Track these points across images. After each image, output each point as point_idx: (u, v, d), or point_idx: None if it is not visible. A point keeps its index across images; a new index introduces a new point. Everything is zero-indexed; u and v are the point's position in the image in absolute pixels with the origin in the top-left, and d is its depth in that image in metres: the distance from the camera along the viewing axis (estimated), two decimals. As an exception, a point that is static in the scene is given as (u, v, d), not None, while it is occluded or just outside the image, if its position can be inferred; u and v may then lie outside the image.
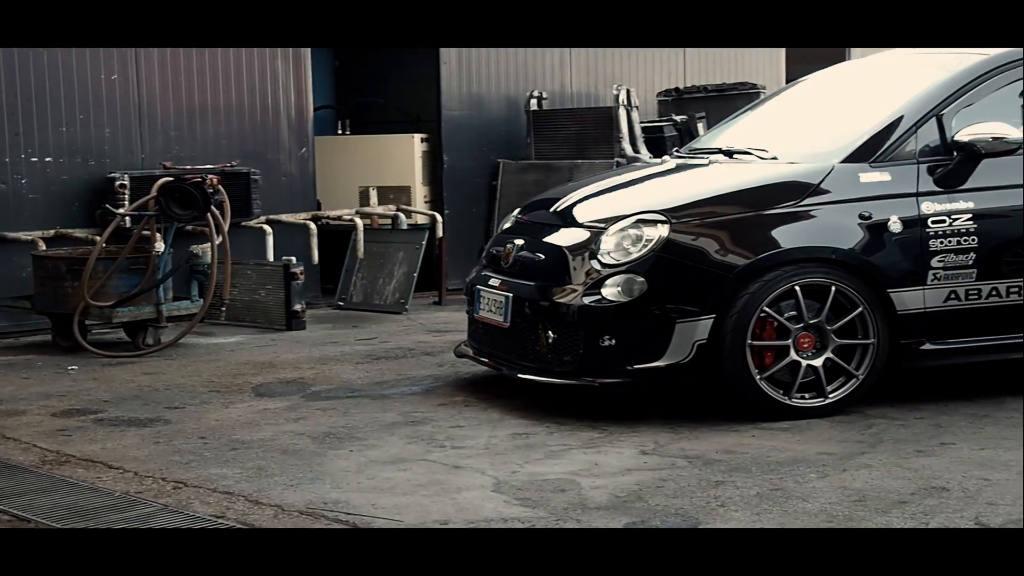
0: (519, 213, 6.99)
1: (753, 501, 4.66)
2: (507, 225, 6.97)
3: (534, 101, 11.13)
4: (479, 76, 11.11)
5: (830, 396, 5.95)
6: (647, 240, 5.94)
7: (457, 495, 4.82)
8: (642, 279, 5.88)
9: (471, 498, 4.78)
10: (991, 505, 4.54)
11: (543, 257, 6.33)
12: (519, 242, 6.53)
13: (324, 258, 9.83)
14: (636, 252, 5.94)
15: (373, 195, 10.40)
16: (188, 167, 9.04)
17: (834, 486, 4.83)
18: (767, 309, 5.85)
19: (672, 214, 6.00)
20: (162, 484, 5.00)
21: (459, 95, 10.99)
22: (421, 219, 10.40)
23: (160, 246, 8.07)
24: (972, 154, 6.10)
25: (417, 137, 10.87)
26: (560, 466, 5.19)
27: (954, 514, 4.45)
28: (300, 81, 10.04)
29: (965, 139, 6.08)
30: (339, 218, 10.16)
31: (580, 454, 5.37)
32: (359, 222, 9.92)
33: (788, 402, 5.90)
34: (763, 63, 13.06)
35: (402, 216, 10.20)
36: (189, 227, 8.64)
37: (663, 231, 5.93)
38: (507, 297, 6.34)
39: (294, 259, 9.03)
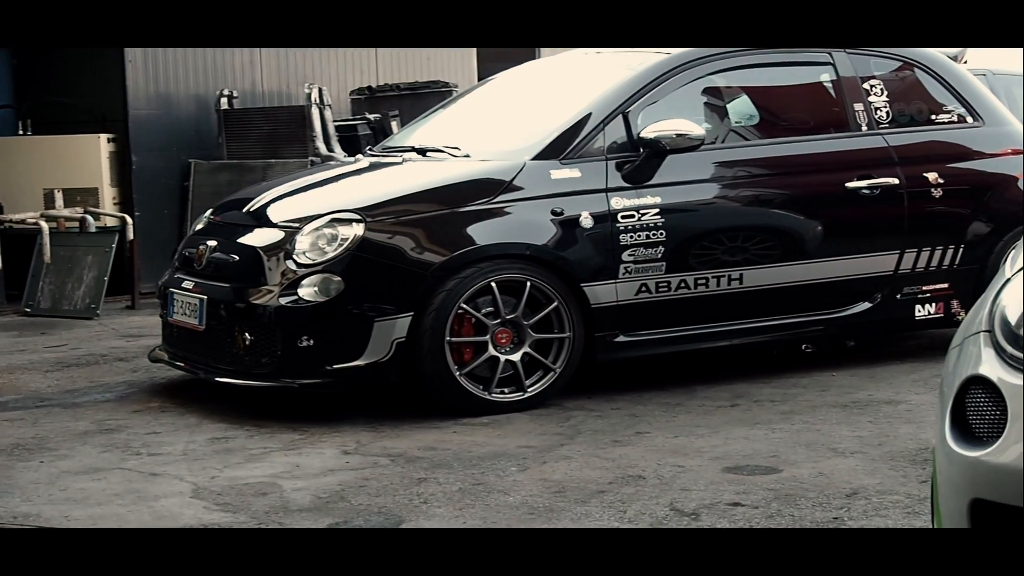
0: (211, 214, 6.85)
1: (455, 497, 4.68)
2: (200, 226, 6.81)
3: (224, 100, 10.93)
4: (167, 74, 10.84)
5: (529, 390, 6.03)
6: (343, 239, 5.90)
7: (155, 503, 4.68)
8: (339, 278, 5.83)
9: (169, 505, 4.65)
10: (685, 491, 4.68)
11: (237, 258, 6.21)
12: (212, 243, 6.39)
13: (9, 263, 9.42)
14: (332, 251, 5.89)
15: (59, 197, 10.01)
16: None
17: (535, 478, 4.89)
18: (464, 306, 5.89)
19: (367, 213, 5.98)
20: None
21: (146, 94, 10.70)
22: (110, 221, 10.08)
23: None
24: (657, 150, 6.27)
25: (103, 137, 10.53)
26: (261, 469, 5.11)
27: (650, 501, 4.57)
28: (-27, 80, 9.60)
29: (650, 136, 6.24)
30: (23, 221, 9.75)
31: (281, 456, 5.30)
32: (44, 225, 9.54)
33: (488, 397, 5.96)
34: (455, 61, 13.16)
35: (90, 219, 9.85)
36: None
37: (358, 230, 5.90)
38: (202, 299, 6.20)
39: (-27, 266, 8.63)
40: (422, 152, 6.72)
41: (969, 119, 7.04)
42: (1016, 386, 2.83)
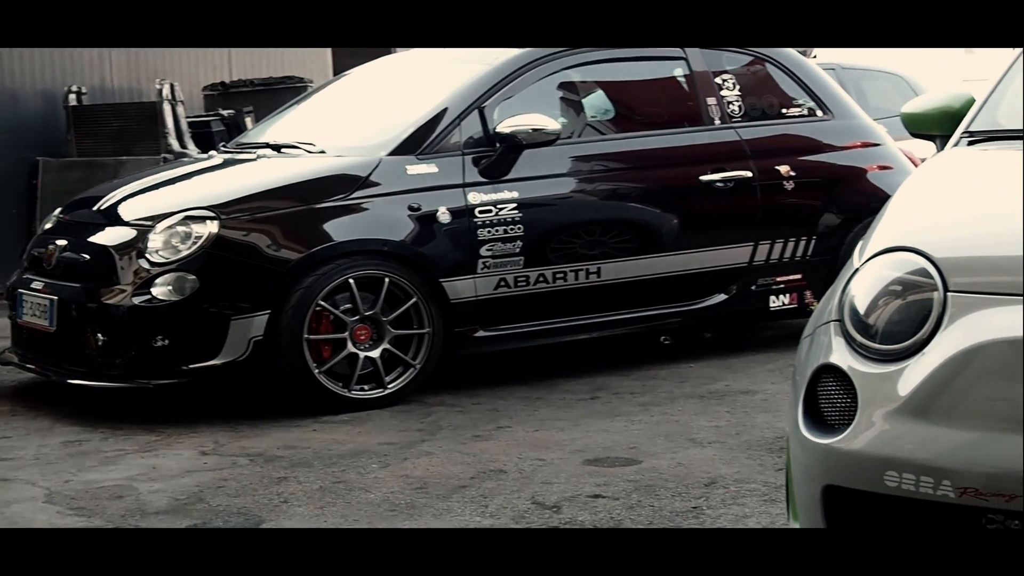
0: (61, 212, 6.70)
1: (316, 495, 4.64)
2: (49, 225, 6.66)
3: (72, 96, 10.70)
4: (11, 70, 10.58)
5: (389, 386, 6.00)
6: (197, 237, 5.82)
7: (6, 509, 4.57)
8: (193, 277, 5.75)
9: (22, 511, 4.54)
10: (546, 484, 4.70)
11: (88, 257, 6.09)
12: (62, 243, 6.26)
13: None
14: (186, 250, 5.81)
15: (-98, 199, 9.73)
16: None
17: (396, 475, 4.87)
18: (322, 303, 5.84)
19: (222, 210, 5.90)
20: None
21: (-10, 90, 10.45)
22: (-45, 222, 9.83)
23: None
24: (514, 145, 6.28)
25: (-55, 135, 10.26)
26: (116, 472, 5.02)
27: (512, 495, 4.58)
28: None
29: (507, 131, 6.25)
30: None
31: (137, 458, 5.21)
32: None
33: (348, 394, 5.92)
34: (310, 56, 13.04)
35: (-67, 220, 9.60)
36: None
37: (213, 227, 5.82)
38: (52, 300, 6.07)
39: None
40: (277, 148, 6.65)
41: (819, 113, 7.17)
42: (866, 374, 2.89)
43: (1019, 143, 3.57)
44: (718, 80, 6.93)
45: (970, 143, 3.65)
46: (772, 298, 6.91)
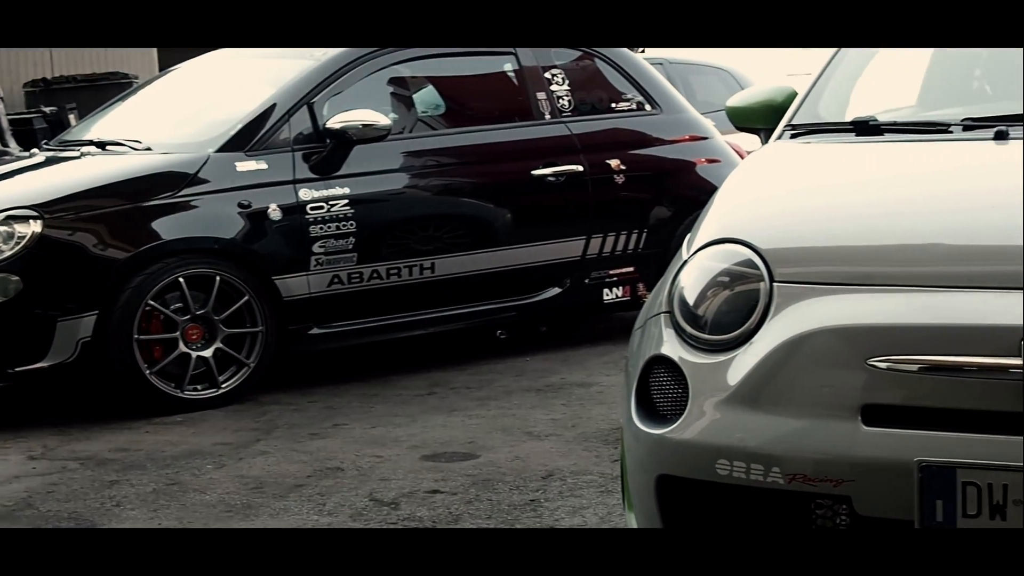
0: None
1: (149, 498, 4.57)
2: None
3: None
4: None
5: (223, 386, 5.93)
6: (20, 237, 5.68)
7: None
8: (17, 278, 5.61)
9: None
10: (384, 481, 4.69)
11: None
12: None
13: None
14: (9, 250, 5.66)
15: None
16: None
17: (231, 475, 4.82)
18: (152, 302, 5.75)
19: (45, 209, 5.76)
20: None
21: None
22: None
23: None
24: (344, 141, 6.25)
25: None
26: (-61, 482, 4.88)
27: (350, 492, 4.56)
28: None
29: (336, 126, 6.22)
30: None
31: (-39, 467, 5.07)
32: None
33: (181, 395, 5.84)
34: (134, 52, 12.83)
35: None
36: None
37: (36, 227, 5.69)
38: None
39: None
40: (101, 146, 6.51)
41: (648, 107, 7.26)
42: (696, 364, 2.93)
43: (840, 136, 3.66)
44: (547, 75, 6.98)
45: (793, 136, 3.73)
46: (605, 291, 6.98)
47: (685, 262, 3.12)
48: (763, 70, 12.52)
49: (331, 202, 6.19)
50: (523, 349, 6.97)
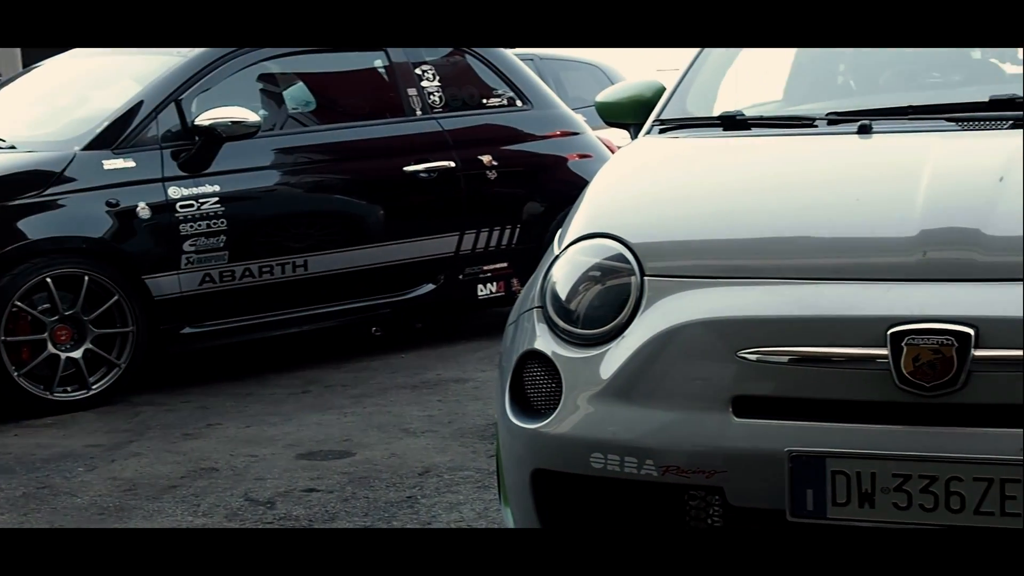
0: None
1: (19, 502, 4.49)
2: None
3: None
4: None
5: (94, 387, 5.85)
6: None
7: None
8: None
9: None
10: (260, 480, 4.66)
11: None
12: None
13: None
14: None
15: None
16: None
17: (103, 477, 4.75)
18: (19, 303, 5.65)
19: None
20: None
21: None
22: None
23: None
24: (213, 138, 6.18)
25: None
26: None
27: (224, 493, 4.52)
28: None
29: (205, 123, 6.15)
30: None
31: None
32: None
33: (50, 397, 5.75)
34: (-2, 49, 12.57)
35: None
36: None
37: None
38: None
39: None
40: (-36, 144, 6.37)
41: (519, 103, 7.28)
42: (569, 359, 2.95)
43: (707, 130, 3.70)
44: (418, 71, 6.97)
45: (661, 131, 3.76)
46: (480, 287, 7.00)
47: (557, 257, 3.13)
48: (633, 66, 12.62)
49: (201, 200, 6.12)
50: (398, 346, 6.96)
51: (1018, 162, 3.01)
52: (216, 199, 6.16)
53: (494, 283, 7.04)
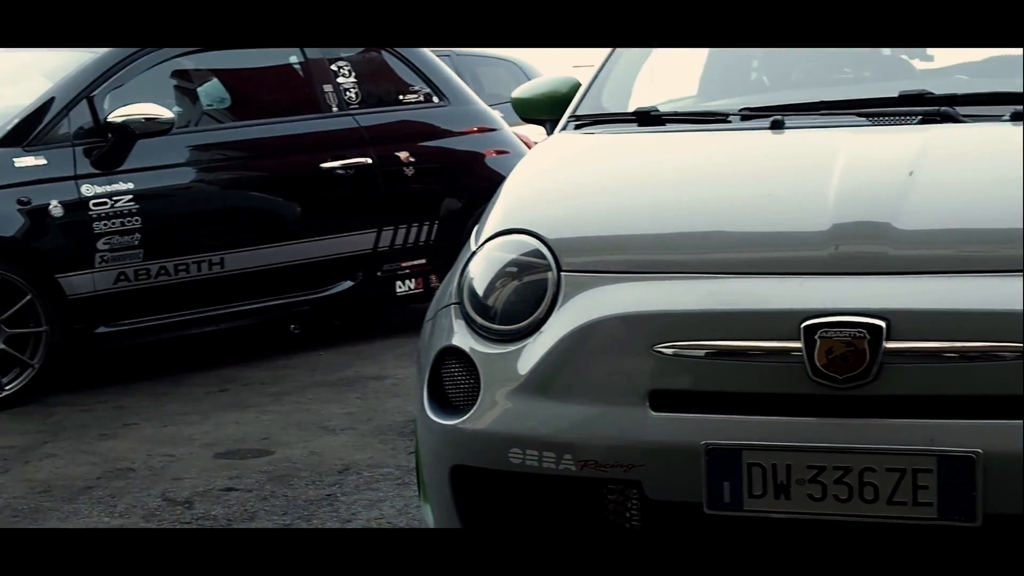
0: None
1: (-69, 508, 4.43)
2: None
3: None
4: None
5: (7, 388, 5.77)
6: None
7: None
8: None
9: None
10: (177, 480, 4.62)
11: None
12: None
13: None
14: None
15: None
16: None
17: (17, 479, 4.69)
18: (-71, 305, 5.57)
19: None
20: None
21: None
22: None
23: None
24: (127, 135, 6.12)
25: None
26: None
27: (142, 493, 4.48)
28: None
29: (118, 120, 6.08)
30: None
31: None
32: None
33: (-37, 398, 5.68)
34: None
35: None
36: None
37: None
38: None
39: None
40: None
41: (436, 99, 7.28)
42: (487, 355, 2.95)
43: (623, 126, 3.72)
44: (334, 67, 6.94)
45: (577, 127, 3.78)
46: (398, 283, 6.99)
47: (474, 253, 3.14)
48: (551, 62, 12.64)
49: (115, 198, 6.06)
50: (317, 343, 6.93)
51: (927, 156, 3.06)
52: (130, 197, 6.10)
53: (412, 279, 7.03)
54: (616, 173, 3.45)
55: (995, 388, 2.59)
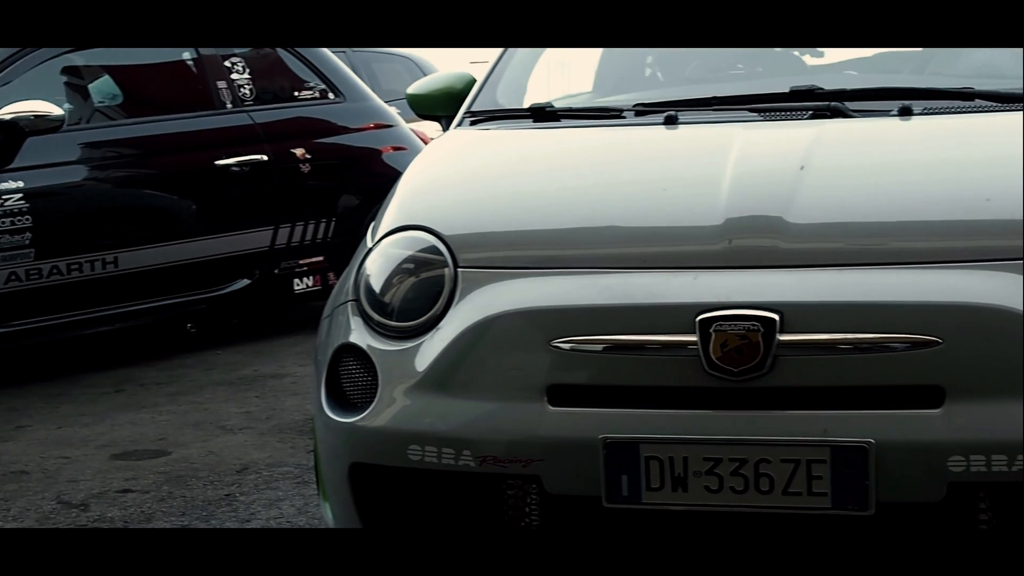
0: None
1: None
2: None
3: None
4: None
5: None
6: None
7: None
8: None
9: None
10: (72, 482, 4.56)
11: None
12: None
13: None
14: None
15: None
16: None
17: (-94, 487, 4.61)
18: None
19: None
20: None
21: None
22: None
23: None
24: (15, 133, 6.03)
25: None
26: None
27: (36, 496, 4.42)
28: None
29: (6, 117, 6.00)
30: None
31: None
32: None
33: None
34: None
35: None
36: None
37: None
38: None
39: None
40: None
41: (331, 95, 7.25)
42: (384, 351, 2.95)
43: (518, 122, 3.74)
44: (227, 63, 6.89)
45: (472, 123, 3.78)
46: (296, 281, 6.96)
47: (370, 250, 3.13)
48: (447, 58, 12.62)
49: (4, 197, 5.96)
50: (214, 342, 6.88)
51: (818, 151, 3.10)
52: (20, 195, 6.01)
53: (310, 277, 7.00)
54: (512, 169, 3.46)
55: (886, 379, 2.64)
